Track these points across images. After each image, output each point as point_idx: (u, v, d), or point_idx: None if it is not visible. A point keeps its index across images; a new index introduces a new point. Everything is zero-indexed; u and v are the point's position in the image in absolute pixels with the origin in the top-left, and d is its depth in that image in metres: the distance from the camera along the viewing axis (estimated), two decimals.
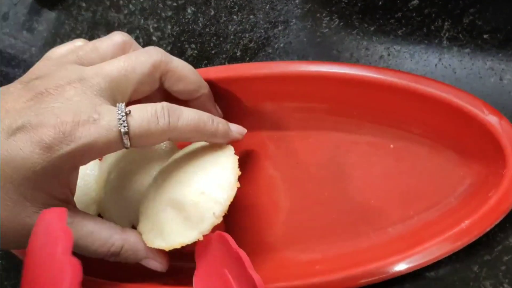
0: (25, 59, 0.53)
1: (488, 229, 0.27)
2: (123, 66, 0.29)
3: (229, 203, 0.30)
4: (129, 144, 0.27)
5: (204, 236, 0.30)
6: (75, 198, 0.33)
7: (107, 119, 0.26)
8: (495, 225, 0.27)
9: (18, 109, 0.26)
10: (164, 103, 0.28)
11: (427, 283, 0.29)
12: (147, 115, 0.27)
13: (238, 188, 0.30)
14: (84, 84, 0.27)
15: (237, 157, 0.32)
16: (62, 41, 0.50)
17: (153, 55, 0.30)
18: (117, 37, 0.31)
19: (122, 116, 0.26)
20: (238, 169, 0.31)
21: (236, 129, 0.33)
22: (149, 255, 0.32)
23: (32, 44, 0.52)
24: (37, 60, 0.51)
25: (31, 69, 0.30)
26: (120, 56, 0.30)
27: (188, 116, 0.29)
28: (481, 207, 0.27)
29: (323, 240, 0.32)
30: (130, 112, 0.27)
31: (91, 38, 0.48)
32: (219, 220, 0.30)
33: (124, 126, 0.26)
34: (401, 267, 0.28)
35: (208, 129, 0.30)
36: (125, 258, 0.31)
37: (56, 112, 0.26)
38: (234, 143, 0.33)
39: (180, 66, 0.31)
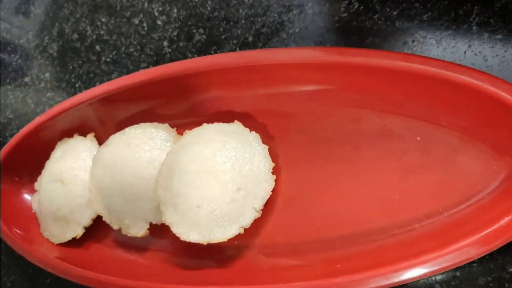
0: (21, 44, 0.50)
1: None
2: None
3: (268, 196, 0.30)
4: None
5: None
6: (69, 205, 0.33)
7: None
8: None
9: None
10: None
11: (458, 284, 0.28)
12: None
13: None
14: None
15: (267, 146, 0.31)
16: (61, 26, 0.47)
17: None
18: None
19: None
20: (270, 159, 0.31)
21: None
22: None
23: (29, 28, 0.50)
24: (35, 46, 0.49)
25: None
26: None
27: None
28: None
29: (343, 237, 0.31)
30: None
31: (91, 22, 0.46)
32: (259, 213, 0.31)
33: None
34: (430, 267, 0.26)
35: None
36: None
37: None
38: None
39: None
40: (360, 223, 0.30)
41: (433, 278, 0.29)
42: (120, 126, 0.38)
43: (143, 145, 0.36)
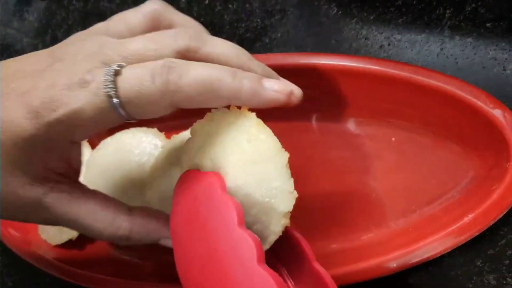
0: (17, 50, 0.52)
1: (491, 224, 0.27)
2: (143, 47, 0.24)
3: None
4: (123, 112, 0.23)
5: None
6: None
7: (96, 81, 0.22)
8: (498, 219, 0.27)
9: (29, 72, 0.24)
10: (170, 58, 0.23)
11: (430, 277, 0.29)
12: (141, 73, 0.23)
13: None
14: (99, 56, 0.24)
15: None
16: (54, 32, 0.49)
17: (179, 39, 0.24)
18: (148, 6, 0.27)
19: (110, 75, 0.22)
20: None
21: (276, 87, 0.25)
22: (164, 234, 0.28)
23: (24, 35, 0.51)
24: (30, 51, 0.50)
25: (67, 38, 0.27)
26: (146, 34, 0.25)
27: (196, 71, 0.23)
28: (484, 201, 0.27)
29: (324, 235, 0.32)
30: (120, 71, 0.23)
31: (83, 28, 0.47)
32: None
33: (111, 87, 0.22)
34: (404, 262, 0.28)
35: (225, 87, 0.23)
36: (138, 241, 0.28)
37: (53, 75, 0.23)
38: None
39: (215, 51, 0.25)
40: (337, 222, 0.32)
41: (408, 272, 0.30)
42: (113, 130, 0.39)
43: (133, 150, 0.37)
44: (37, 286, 0.44)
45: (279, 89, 0.25)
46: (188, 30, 0.25)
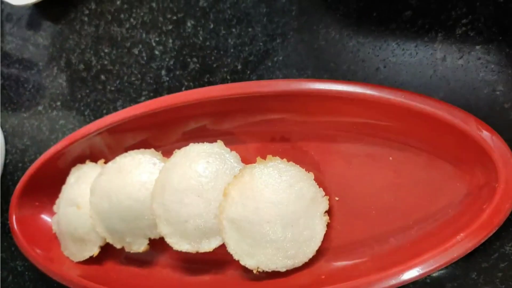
0: (33, 74, 0.54)
1: (481, 242, 0.28)
2: None
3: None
4: None
5: None
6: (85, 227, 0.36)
7: None
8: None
9: None
10: None
11: None
12: None
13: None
14: None
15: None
16: (68, 56, 0.51)
17: None
18: None
19: None
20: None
21: None
22: None
23: (39, 59, 0.54)
24: (46, 75, 0.53)
25: None
26: None
27: None
28: (475, 220, 0.28)
29: (324, 250, 0.34)
30: None
31: (96, 52, 0.50)
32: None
33: None
34: (404, 277, 0.30)
35: None
36: None
37: None
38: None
39: None
40: (338, 238, 0.34)
41: (406, 284, 0.32)
42: (113, 155, 0.42)
43: (134, 171, 0.39)
44: None
45: None
46: None
